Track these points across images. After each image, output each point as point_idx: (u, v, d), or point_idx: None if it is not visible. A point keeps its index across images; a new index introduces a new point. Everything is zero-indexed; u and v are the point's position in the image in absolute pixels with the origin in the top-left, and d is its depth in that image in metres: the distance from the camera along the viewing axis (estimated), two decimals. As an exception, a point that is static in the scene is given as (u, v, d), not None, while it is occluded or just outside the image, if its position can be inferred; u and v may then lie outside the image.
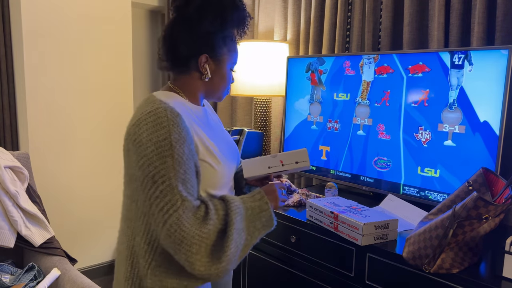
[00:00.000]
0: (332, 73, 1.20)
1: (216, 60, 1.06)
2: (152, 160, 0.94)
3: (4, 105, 2.39)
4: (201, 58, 1.04)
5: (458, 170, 0.98)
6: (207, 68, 1.06)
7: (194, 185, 0.97)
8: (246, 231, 1.01)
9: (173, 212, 0.92)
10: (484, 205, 1.01)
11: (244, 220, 1.01)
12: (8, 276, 1.83)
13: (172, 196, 0.93)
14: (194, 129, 1.02)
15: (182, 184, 0.94)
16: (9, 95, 2.41)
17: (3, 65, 2.36)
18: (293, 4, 2.19)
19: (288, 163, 1.14)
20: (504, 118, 1.32)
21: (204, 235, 0.93)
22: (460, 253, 1.14)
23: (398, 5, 1.79)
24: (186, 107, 1.05)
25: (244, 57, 2.12)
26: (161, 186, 0.93)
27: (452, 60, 0.90)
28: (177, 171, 0.94)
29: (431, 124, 0.97)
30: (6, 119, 2.41)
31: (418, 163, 1.04)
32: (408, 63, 0.98)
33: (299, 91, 1.89)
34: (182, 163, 0.95)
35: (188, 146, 0.97)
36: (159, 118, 0.96)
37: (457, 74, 0.88)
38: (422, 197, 1.53)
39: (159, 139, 0.94)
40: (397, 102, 1.03)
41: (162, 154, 0.94)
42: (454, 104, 0.93)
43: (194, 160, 0.98)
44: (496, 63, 1.33)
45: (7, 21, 2.36)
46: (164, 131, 0.95)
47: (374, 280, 1.32)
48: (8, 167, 1.90)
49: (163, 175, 0.93)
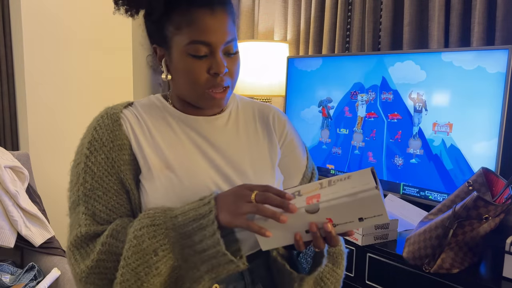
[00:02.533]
0: (337, 111, 1.52)
1: (167, 48, 0.78)
2: (71, 168, 0.82)
3: (4, 105, 2.39)
4: (154, 50, 0.82)
5: (420, 180, 1.38)
6: (163, 62, 0.80)
7: (105, 203, 0.76)
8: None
9: (70, 235, 0.78)
10: (484, 205, 1.01)
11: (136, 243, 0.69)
12: (8, 276, 1.83)
13: (75, 216, 0.79)
14: (143, 136, 0.79)
15: (85, 201, 0.77)
16: (9, 95, 2.41)
17: (3, 65, 2.36)
18: (293, 4, 2.19)
19: (343, 221, 0.65)
20: (504, 118, 1.32)
21: (83, 273, 0.74)
22: (460, 253, 1.14)
23: (398, 5, 1.79)
24: (162, 111, 0.84)
25: (244, 57, 2.12)
26: (71, 198, 0.81)
27: (414, 108, 1.29)
28: (83, 184, 0.77)
29: (403, 152, 1.36)
30: (6, 119, 2.40)
31: (395, 179, 1.45)
32: (388, 111, 1.37)
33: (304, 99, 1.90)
34: (91, 175, 0.77)
35: (110, 156, 0.77)
36: (91, 121, 0.83)
37: (418, 116, 1.27)
38: (422, 197, 1.53)
39: (79, 146, 0.82)
40: (380, 137, 1.42)
41: (76, 161, 0.80)
42: (416, 135, 1.31)
43: (117, 175, 0.77)
44: (496, 63, 1.33)
45: (7, 21, 2.36)
46: (85, 135, 0.81)
47: (374, 280, 1.32)
48: (8, 167, 1.90)
49: (72, 187, 0.80)
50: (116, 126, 0.79)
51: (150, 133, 0.81)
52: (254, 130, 0.88)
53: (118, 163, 0.78)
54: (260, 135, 0.88)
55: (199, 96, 0.78)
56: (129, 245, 0.69)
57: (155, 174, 0.77)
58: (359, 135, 1.43)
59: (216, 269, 0.68)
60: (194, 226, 0.68)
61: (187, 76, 0.76)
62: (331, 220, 0.65)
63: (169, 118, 0.84)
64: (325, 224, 0.65)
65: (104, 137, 0.78)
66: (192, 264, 0.69)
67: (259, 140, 0.87)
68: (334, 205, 0.63)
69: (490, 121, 1.35)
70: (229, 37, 0.76)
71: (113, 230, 0.74)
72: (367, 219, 0.65)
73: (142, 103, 0.85)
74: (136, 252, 0.68)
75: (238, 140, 0.85)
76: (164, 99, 0.86)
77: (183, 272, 0.70)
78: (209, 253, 0.67)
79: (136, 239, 0.69)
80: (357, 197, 0.63)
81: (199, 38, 0.74)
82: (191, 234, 0.68)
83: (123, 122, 0.80)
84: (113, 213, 0.77)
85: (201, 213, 0.68)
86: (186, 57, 0.75)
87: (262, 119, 0.90)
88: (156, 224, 0.70)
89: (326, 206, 0.63)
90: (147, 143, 0.80)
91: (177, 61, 0.77)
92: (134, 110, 0.83)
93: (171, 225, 0.69)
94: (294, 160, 0.90)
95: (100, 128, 0.79)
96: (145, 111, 0.83)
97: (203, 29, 0.73)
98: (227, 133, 0.85)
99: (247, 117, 0.89)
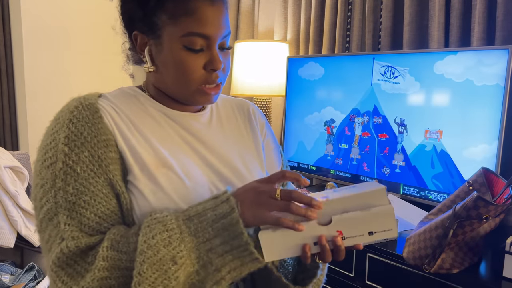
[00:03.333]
0: (339, 130, 1.80)
1: (155, 37, 0.71)
2: (36, 170, 0.70)
3: (4, 105, 2.39)
4: (134, 37, 0.75)
5: (401, 186, 1.63)
6: (146, 51, 0.73)
7: (94, 210, 0.66)
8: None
9: (51, 253, 0.65)
10: (484, 205, 1.01)
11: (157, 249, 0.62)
12: (8, 276, 1.83)
13: (53, 229, 0.65)
14: (129, 131, 0.71)
15: (67, 209, 0.65)
16: (9, 95, 2.41)
17: (3, 65, 2.36)
18: (293, 4, 2.19)
19: (353, 234, 0.64)
20: (504, 118, 1.32)
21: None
22: (460, 253, 1.14)
23: (398, 5, 1.79)
24: (141, 104, 0.76)
25: (244, 57, 2.12)
26: (44, 207, 0.66)
27: (398, 130, 1.58)
28: (63, 188, 0.65)
29: (389, 164, 1.62)
30: (6, 119, 2.40)
31: (386, 183, 1.72)
32: (378, 131, 1.64)
33: (304, 100, 1.93)
34: (73, 176, 0.65)
35: (95, 153, 0.67)
36: (58, 114, 0.71)
37: (401, 136, 1.56)
38: (422, 197, 1.53)
39: (48, 141, 0.69)
40: (372, 152, 1.68)
41: (48, 160, 0.67)
42: (400, 151, 1.57)
43: (106, 176, 0.67)
44: (496, 63, 1.33)
45: (7, 21, 2.36)
46: (55, 129, 0.69)
47: (374, 280, 1.32)
48: (8, 167, 1.90)
49: (45, 192, 0.66)
50: (97, 118, 0.69)
51: (135, 128, 0.72)
52: (236, 125, 0.86)
53: (105, 161, 0.67)
54: (243, 130, 0.86)
55: (191, 92, 0.72)
56: (142, 257, 0.60)
57: (153, 173, 0.69)
58: (356, 149, 1.75)
59: (239, 269, 0.64)
60: (214, 227, 0.63)
61: (180, 70, 0.70)
62: (341, 233, 0.64)
63: (152, 111, 0.76)
64: (336, 238, 0.64)
65: (85, 131, 0.67)
66: (213, 267, 0.63)
67: (243, 135, 0.86)
68: (347, 218, 0.63)
69: (490, 121, 1.35)
70: (226, 31, 0.72)
71: (113, 240, 0.64)
72: (377, 233, 0.64)
73: (114, 94, 0.76)
74: (152, 264, 0.60)
75: (225, 137, 0.82)
76: (141, 91, 0.79)
77: (201, 278, 0.64)
78: (235, 253, 0.63)
79: (150, 249, 0.60)
80: (371, 211, 0.62)
81: (197, 30, 0.68)
82: (212, 236, 0.63)
83: (103, 114, 0.70)
84: (104, 221, 0.66)
85: (221, 212, 0.63)
86: (179, 50, 0.69)
87: (242, 115, 0.88)
88: (170, 229, 0.62)
89: (339, 218, 0.63)
90: (136, 138, 0.71)
91: (168, 53, 0.70)
92: (107, 101, 0.73)
93: (186, 228, 0.63)
94: (271, 159, 0.91)
95: (78, 120, 0.68)
96: (121, 103, 0.74)
97: (202, 20, 0.68)
98: (214, 130, 0.81)
99: (228, 113, 0.87)
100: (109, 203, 0.68)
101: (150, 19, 0.70)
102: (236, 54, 2.18)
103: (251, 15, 2.44)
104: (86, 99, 0.72)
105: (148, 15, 0.70)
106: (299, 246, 0.64)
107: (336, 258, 0.67)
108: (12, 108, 2.43)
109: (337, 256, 0.67)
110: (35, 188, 0.69)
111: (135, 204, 0.68)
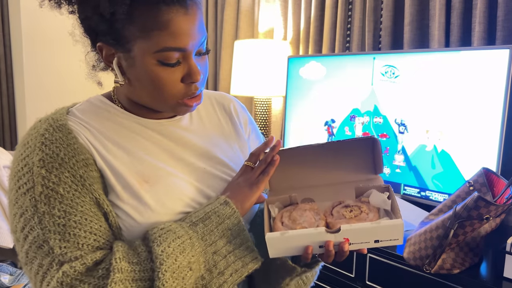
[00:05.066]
0: (339, 130, 1.79)
1: (124, 51, 0.65)
2: (11, 201, 0.64)
3: (3, 105, 2.39)
4: (99, 48, 0.68)
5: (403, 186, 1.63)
6: (114, 64, 0.67)
7: (87, 228, 0.62)
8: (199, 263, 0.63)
9: (46, 282, 0.60)
10: (485, 205, 1.01)
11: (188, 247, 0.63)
12: (7, 277, 1.83)
13: (45, 257, 0.60)
14: (104, 148, 0.67)
15: (58, 232, 0.60)
16: (8, 95, 2.41)
17: (2, 65, 2.36)
18: (293, 3, 2.19)
19: (360, 241, 0.66)
20: (505, 118, 1.32)
21: None
22: (461, 253, 1.14)
23: (398, 5, 1.79)
24: (113, 116, 0.72)
25: (244, 56, 2.12)
26: (30, 236, 0.61)
27: (398, 130, 1.57)
28: (48, 213, 0.60)
29: (390, 164, 1.61)
30: (5, 119, 2.40)
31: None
32: (378, 131, 1.63)
33: (304, 100, 1.92)
34: (57, 199, 0.61)
35: (76, 173, 0.63)
36: (25, 138, 0.67)
37: (401, 136, 1.55)
38: (422, 197, 1.53)
39: (19, 167, 0.64)
40: None
41: (24, 186, 0.62)
42: (400, 151, 1.57)
43: (91, 195, 0.64)
44: (497, 63, 1.33)
45: (6, 21, 2.36)
46: (26, 154, 0.64)
47: (374, 281, 1.31)
48: (7, 167, 1.89)
49: (28, 220, 0.61)
50: (71, 139, 0.65)
51: (112, 144, 0.68)
52: (218, 123, 0.83)
53: (88, 180, 0.63)
54: (224, 125, 0.84)
55: (171, 106, 0.68)
56: (164, 267, 0.59)
57: (137, 192, 0.65)
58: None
59: (240, 271, 0.66)
60: (220, 228, 0.65)
61: (156, 86, 0.65)
62: (348, 240, 0.65)
63: (127, 124, 0.71)
64: (343, 244, 0.65)
65: (61, 152, 0.63)
66: (217, 270, 0.64)
67: (226, 133, 0.83)
68: (356, 229, 0.64)
69: (491, 121, 1.34)
70: (203, 36, 0.66)
71: (123, 252, 0.61)
72: (383, 241, 0.66)
73: (82, 109, 0.72)
74: (172, 273, 0.60)
75: (208, 136, 0.79)
76: (110, 101, 0.74)
77: (205, 282, 0.64)
78: (237, 253, 0.66)
79: (169, 257, 0.60)
80: (381, 224, 0.64)
81: (172, 44, 0.62)
82: (218, 238, 0.65)
83: (77, 135, 0.66)
84: (101, 237, 0.63)
85: (224, 213, 0.66)
86: (154, 65, 0.63)
87: (224, 112, 0.85)
88: (180, 236, 0.62)
89: (348, 228, 0.64)
90: (113, 156, 0.67)
91: (141, 68, 0.64)
92: (77, 119, 0.69)
93: (194, 233, 0.64)
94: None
95: (51, 142, 0.64)
96: (93, 119, 0.70)
97: (177, 34, 0.62)
98: (196, 132, 0.78)
99: (208, 110, 0.83)
100: (100, 221, 0.64)
101: (117, 32, 0.63)
102: (236, 53, 2.17)
103: (251, 15, 2.44)
104: (55, 121, 0.67)
105: (114, 27, 0.62)
106: (304, 247, 0.66)
107: (337, 260, 0.68)
108: (11, 108, 2.43)
109: (339, 258, 0.68)
110: (14, 219, 0.63)
111: (122, 225, 0.66)
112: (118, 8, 0.60)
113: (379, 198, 0.69)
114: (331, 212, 0.70)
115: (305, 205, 0.72)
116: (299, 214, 0.69)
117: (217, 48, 2.60)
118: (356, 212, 0.68)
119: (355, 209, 0.69)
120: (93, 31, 0.66)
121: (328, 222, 0.68)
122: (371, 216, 0.67)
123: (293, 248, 0.66)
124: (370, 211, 0.68)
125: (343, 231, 0.64)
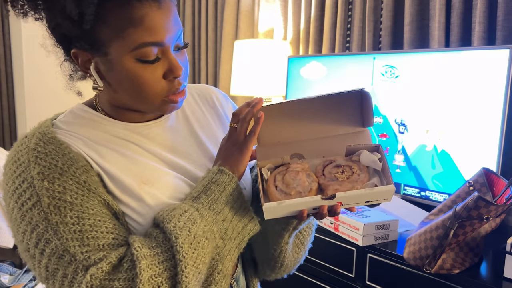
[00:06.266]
0: None
1: (101, 54, 0.64)
2: (16, 220, 0.63)
3: (3, 105, 2.39)
4: (73, 55, 0.67)
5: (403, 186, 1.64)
6: (92, 70, 0.66)
7: (103, 229, 0.62)
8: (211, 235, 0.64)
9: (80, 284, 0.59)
10: (485, 205, 1.01)
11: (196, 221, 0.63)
12: (7, 277, 1.83)
13: (67, 266, 0.59)
14: (98, 155, 0.67)
15: (76, 239, 0.60)
16: (8, 95, 2.41)
17: (2, 65, 2.36)
18: (293, 3, 2.19)
19: (352, 203, 0.69)
20: (505, 118, 1.32)
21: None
22: (461, 253, 1.14)
23: (398, 5, 1.79)
24: (99, 124, 0.71)
25: (244, 56, 2.12)
26: (46, 250, 0.60)
27: (398, 130, 1.58)
28: (61, 222, 0.60)
29: (390, 164, 1.61)
30: (5, 119, 2.40)
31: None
32: (378, 132, 1.64)
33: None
34: (67, 207, 0.60)
35: (79, 179, 0.63)
36: (14, 155, 0.65)
37: (402, 136, 1.56)
38: (422, 197, 1.53)
39: (15, 186, 0.62)
40: None
41: (27, 203, 0.61)
42: (400, 151, 1.57)
43: (99, 198, 0.64)
44: (497, 63, 1.32)
45: (6, 21, 2.36)
46: (21, 170, 0.62)
47: (374, 281, 1.31)
48: (7, 167, 1.89)
49: (40, 236, 0.60)
50: (65, 149, 0.64)
51: (104, 149, 0.68)
52: (202, 116, 0.82)
53: (93, 185, 0.63)
54: (209, 119, 0.83)
55: (156, 106, 0.67)
56: (180, 240, 0.60)
57: (137, 193, 0.66)
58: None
59: (241, 234, 0.68)
60: (223, 195, 0.67)
61: (138, 86, 0.63)
62: (341, 203, 0.68)
63: (114, 131, 0.71)
64: (336, 206, 0.67)
65: (59, 162, 0.62)
66: (227, 237, 0.67)
67: (210, 123, 0.82)
68: (350, 195, 0.66)
69: (491, 121, 1.34)
70: (179, 30, 0.65)
71: (139, 240, 0.61)
72: (373, 201, 0.69)
73: (66, 122, 0.71)
74: (190, 243, 0.60)
75: (195, 133, 0.79)
76: (93, 110, 0.73)
77: (218, 251, 0.66)
78: (238, 216, 0.68)
79: (183, 230, 0.60)
80: (373, 190, 0.66)
81: (148, 39, 0.61)
82: (223, 205, 0.67)
83: (69, 144, 0.65)
84: (118, 235, 0.63)
85: (223, 181, 0.67)
86: (133, 64, 0.62)
87: (206, 104, 0.84)
88: (186, 210, 0.63)
89: (342, 195, 0.66)
90: (108, 162, 0.67)
91: (120, 70, 0.63)
92: (64, 131, 0.68)
93: (200, 205, 0.64)
94: None
95: (46, 155, 0.62)
96: (80, 129, 0.69)
97: (153, 28, 0.60)
98: (181, 131, 0.77)
99: (191, 105, 0.82)
100: (113, 220, 0.64)
101: (90, 36, 0.61)
102: (236, 53, 2.17)
103: (251, 15, 2.44)
104: (43, 135, 0.66)
105: (87, 32, 0.60)
106: (298, 211, 0.68)
107: (331, 216, 0.70)
108: (11, 108, 2.43)
109: (332, 216, 0.70)
110: (24, 237, 0.61)
111: (130, 226, 0.67)
112: (85, 8, 0.58)
113: (369, 158, 0.71)
114: (322, 172, 0.71)
115: (297, 166, 0.72)
116: (292, 177, 0.69)
117: (217, 48, 2.60)
118: (348, 174, 0.69)
119: (346, 170, 0.70)
120: (66, 38, 0.64)
121: (320, 184, 0.69)
122: (362, 177, 0.69)
123: (288, 213, 0.68)
124: (361, 171, 0.70)
125: (338, 197, 0.66)
